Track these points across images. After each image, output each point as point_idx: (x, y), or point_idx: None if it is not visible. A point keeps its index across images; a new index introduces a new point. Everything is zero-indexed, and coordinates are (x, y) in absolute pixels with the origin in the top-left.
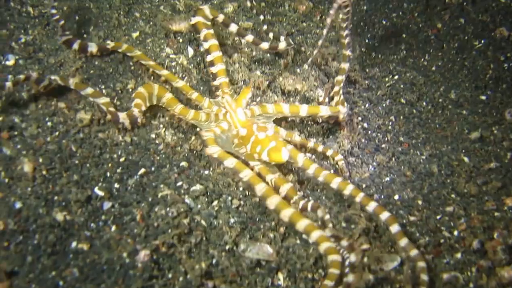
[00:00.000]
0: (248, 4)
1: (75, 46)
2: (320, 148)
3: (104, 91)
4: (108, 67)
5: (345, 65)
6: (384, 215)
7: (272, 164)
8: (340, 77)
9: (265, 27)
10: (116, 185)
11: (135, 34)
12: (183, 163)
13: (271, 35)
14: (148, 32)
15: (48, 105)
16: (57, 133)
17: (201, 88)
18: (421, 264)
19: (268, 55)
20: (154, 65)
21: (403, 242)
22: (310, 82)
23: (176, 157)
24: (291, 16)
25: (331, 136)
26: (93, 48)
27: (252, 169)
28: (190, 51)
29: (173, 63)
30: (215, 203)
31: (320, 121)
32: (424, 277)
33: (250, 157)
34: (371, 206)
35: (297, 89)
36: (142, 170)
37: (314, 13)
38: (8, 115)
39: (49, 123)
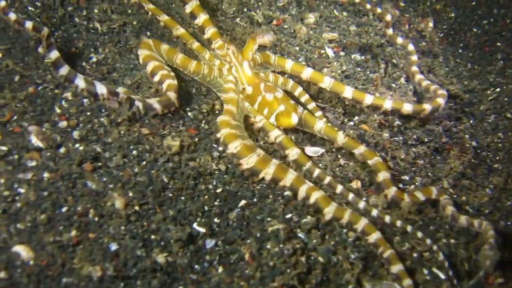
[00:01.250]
0: (330, 14)
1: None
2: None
3: (190, 113)
4: (190, 87)
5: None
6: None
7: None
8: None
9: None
10: (216, 220)
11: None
12: (287, 192)
13: None
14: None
15: (131, 131)
16: (144, 162)
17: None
18: None
19: (359, 68)
20: (153, 8)
21: None
22: (408, 97)
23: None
24: (377, 25)
25: (438, 157)
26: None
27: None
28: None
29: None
30: (327, 236)
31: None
32: None
33: (254, 111)
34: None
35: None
36: (243, 202)
37: (401, 21)
38: (89, 144)
39: (134, 152)
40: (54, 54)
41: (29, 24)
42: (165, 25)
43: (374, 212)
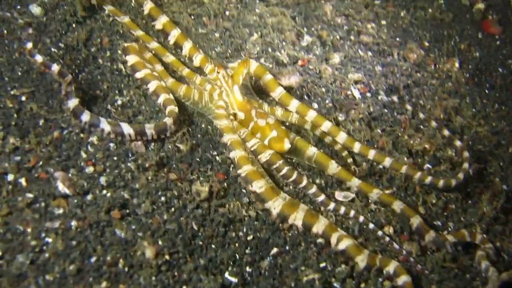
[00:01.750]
0: (355, 54)
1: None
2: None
3: (218, 157)
4: (214, 130)
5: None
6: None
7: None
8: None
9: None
10: (248, 269)
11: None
12: (320, 240)
13: None
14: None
15: (159, 177)
16: (173, 209)
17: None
18: None
19: (386, 110)
20: (143, 35)
21: None
22: (437, 139)
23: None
24: (403, 65)
25: (470, 201)
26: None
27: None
28: None
29: (287, 123)
30: (363, 285)
31: None
32: None
33: (251, 137)
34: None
35: (426, 148)
36: (275, 250)
37: (427, 61)
38: (117, 191)
39: (162, 198)
40: (73, 103)
41: (55, 67)
42: (155, 52)
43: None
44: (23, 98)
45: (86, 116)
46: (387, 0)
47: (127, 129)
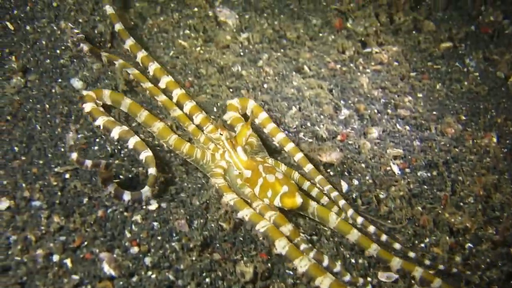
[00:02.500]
0: (393, 128)
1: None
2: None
3: None
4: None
5: None
6: None
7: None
8: None
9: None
10: None
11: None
12: None
13: None
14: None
15: (203, 257)
16: None
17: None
18: None
19: (425, 186)
20: (152, 87)
21: None
22: (478, 217)
23: None
24: (441, 140)
25: None
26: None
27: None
28: (345, 186)
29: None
30: None
31: None
32: None
33: (255, 198)
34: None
35: (467, 226)
36: None
37: (464, 136)
38: (162, 272)
39: (207, 279)
40: (112, 187)
41: (88, 163)
42: (163, 105)
43: None
44: (67, 176)
45: (127, 196)
46: (422, 72)
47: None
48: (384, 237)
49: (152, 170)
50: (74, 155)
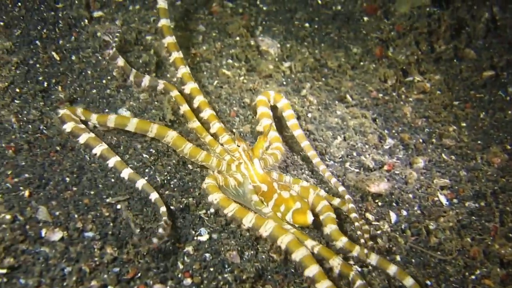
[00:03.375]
0: (439, 158)
1: None
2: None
3: None
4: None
5: None
6: None
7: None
8: None
9: None
10: None
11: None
12: None
13: None
14: (343, 194)
15: None
16: None
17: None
18: None
19: (474, 217)
20: (177, 96)
21: None
22: None
23: None
24: (487, 170)
25: None
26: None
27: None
28: (393, 217)
29: (378, 232)
30: None
31: None
32: None
33: (276, 218)
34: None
35: None
36: None
37: (511, 166)
38: None
39: None
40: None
41: (162, 233)
42: (184, 115)
43: None
44: (119, 206)
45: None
46: (465, 101)
47: None
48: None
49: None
50: (126, 214)
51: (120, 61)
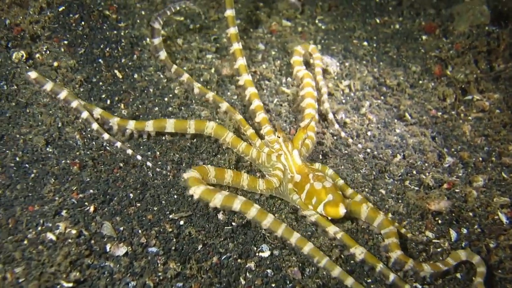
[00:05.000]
0: (499, 176)
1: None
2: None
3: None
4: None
5: None
6: None
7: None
8: None
9: None
10: None
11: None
12: None
13: None
14: (403, 212)
15: None
16: None
17: None
18: None
19: None
20: (214, 96)
21: None
22: None
23: None
24: None
25: None
26: None
27: None
28: (454, 235)
29: (438, 249)
30: None
31: None
32: None
33: (304, 206)
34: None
35: None
36: None
37: None
38: None
39: None
40: None
41: None
42: (227, 109)
43: None
44: (181, 222)
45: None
46: None
47: None
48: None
49: None
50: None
51: (163, 55)
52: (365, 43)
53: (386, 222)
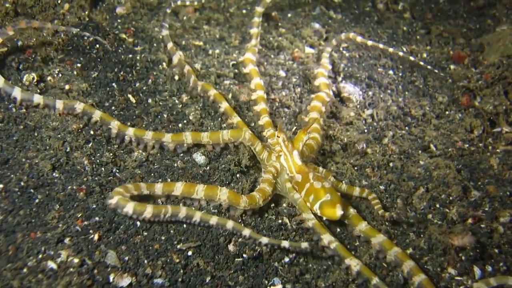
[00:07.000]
0: None
1: None
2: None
3: None
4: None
5: None
6: None
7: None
8: None
9: None
10: None
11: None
12: None
13: None
14: (424, 247)
15: None
16: None
17: None
18: None
19: None
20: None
21: None
22: None
23: None
24: None
25: None
26: None
27: None
28: (478, 272)
29: (461, 287)
30: None
31: None
32: None
33: (305, 206)
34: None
35: None
36: None
37: None
38: None
39: None
40: None
41: None
42: (225, 111)
43: None
44: (190, 253)
45: None
46: None
47: None
48: None
49: None
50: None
51: (175, 58)
52: (391, 72)
53: (387, 243)
